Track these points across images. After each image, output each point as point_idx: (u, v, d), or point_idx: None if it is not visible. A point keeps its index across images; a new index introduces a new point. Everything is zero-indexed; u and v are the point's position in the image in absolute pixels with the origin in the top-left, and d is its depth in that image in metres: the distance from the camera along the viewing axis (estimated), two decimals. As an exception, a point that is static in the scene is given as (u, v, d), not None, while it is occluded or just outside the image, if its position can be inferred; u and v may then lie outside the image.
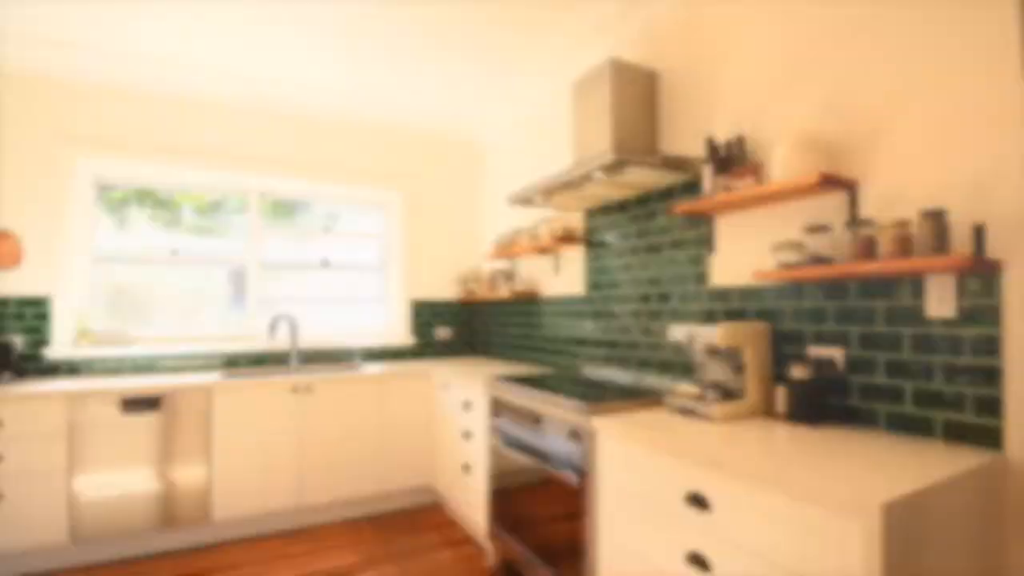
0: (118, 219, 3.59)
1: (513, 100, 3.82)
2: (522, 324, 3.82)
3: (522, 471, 2.42)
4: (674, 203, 2.51)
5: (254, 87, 3.62)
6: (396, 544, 3.05)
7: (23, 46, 3.06)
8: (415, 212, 4.34)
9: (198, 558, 2.90)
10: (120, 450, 2.85)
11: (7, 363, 2.98)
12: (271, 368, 3.74)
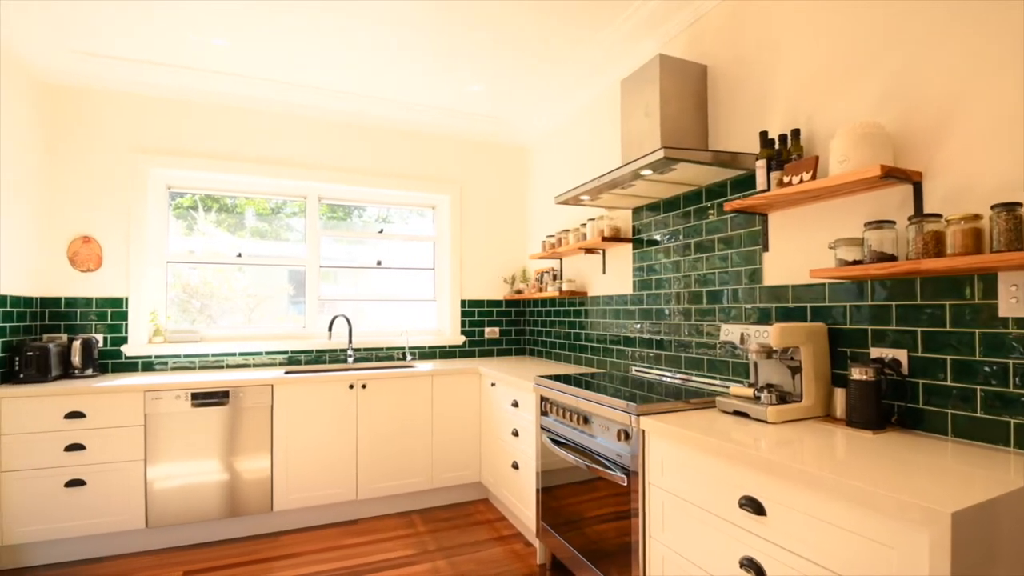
0: (187, 224, 3.77)
1: (560, 101, 3.80)
2: (569, 323, 3.80)
3: (570, 470, 2.41)
4: (725, 200, 2.44)
5: (312, 97, 3.73)
6: (447, 538, 3.09)
7: (102, 65, 3.25)
8: (464, 214, 4.38)
9: (260, 546, 3.02)
10: (190, 442, 3.00)
11: (90, 359, 3.18)
12: (329, 365, 3.85)
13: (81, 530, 2.79)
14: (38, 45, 3.01)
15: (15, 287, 2.98)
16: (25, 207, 3.09)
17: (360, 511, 3.40)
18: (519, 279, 4.47)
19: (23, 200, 3.07)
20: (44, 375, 2.92)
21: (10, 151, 2.92)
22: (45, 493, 2.74)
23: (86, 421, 2.81)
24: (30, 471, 2.72)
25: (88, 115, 3.39)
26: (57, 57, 3.13)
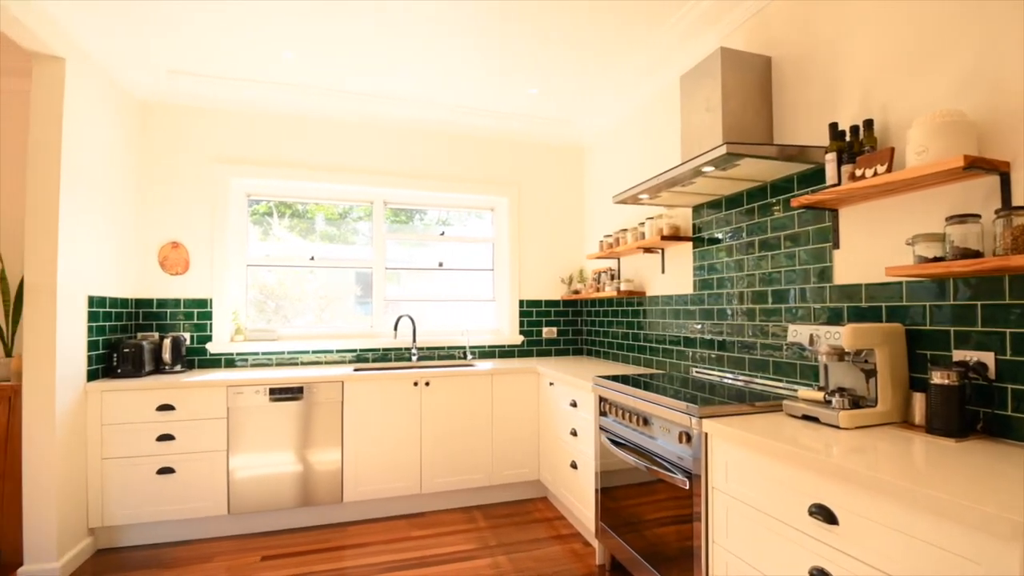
0: (263, 229, 3.96)
1: (617, 100, 3.74)
2: (627, 324, 3.73)
3: (629, 471, 2.36)
4: (792, 196, 2.32)
5: (377, 105, 3.83)
6: (507, 535, 3.10)
7: (187, 82, 3.46)
8: (522, 215, 4.39)
9: (331, 535, 3.13)
10: (267, 434, 3.15)
11: (179, 356, 3.39)
12: (394, 363, 3.95)
13: (170, 514, 2.98)
14: (130, 66, 3.24)
15: (113, 289, 3.22)
16: (121, 216, 3.33)
17: (424, 505, 3.47)
18: (576, 279, 4.44)
19: (120, 210, 3.31)
20: (138, 370, 3.14)
21: (109, 165, 3.15)
22: (139, 479, 2.94)
23: (175, 413, 3.00)
24: (127, 459, 2.93)
25: (175, 129, 3.62)
26: (147, 76, 3.36)
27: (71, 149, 2.75)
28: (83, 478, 2.86)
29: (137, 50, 3.08)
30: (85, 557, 2.84)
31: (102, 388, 2.91)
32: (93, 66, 2.95)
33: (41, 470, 2.60)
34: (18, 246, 3.26)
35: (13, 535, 2.77)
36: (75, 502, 2.79)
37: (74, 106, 2.77)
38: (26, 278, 2.62)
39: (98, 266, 3.03)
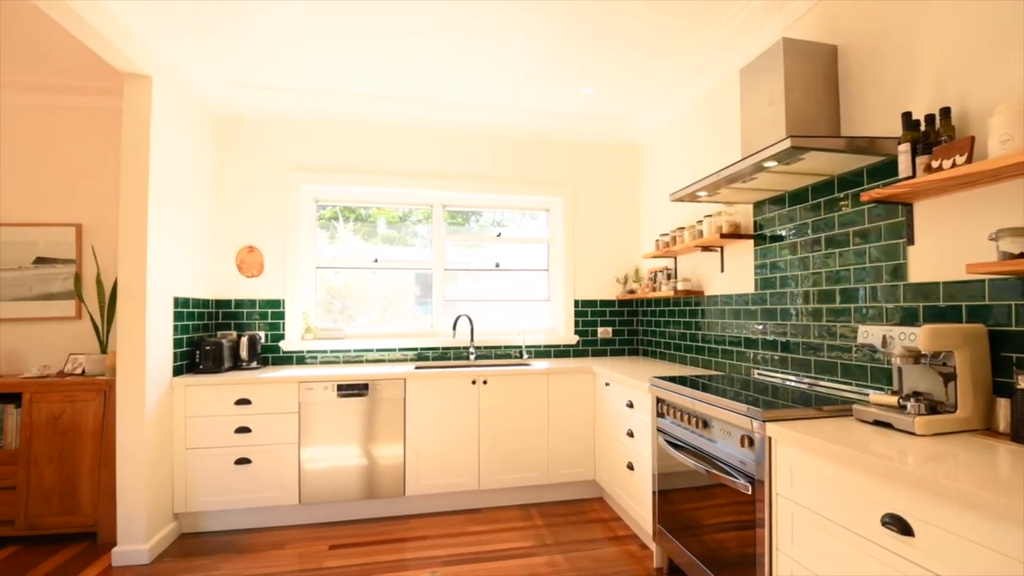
0: (329, 233, 4.10)
1: (673, 96, 3.64)
2: (684, 324, 3.62)
3: (688, 474, 2.29)
4: (862, 190, 2.18)
5: (436, 111, 3.89)
6: (563, 533, 3.08)
7: (260, 95, 3.63)
8: (576, 215, 4.34)
9: (394, 527, 3.20)
10: (335, 428, 3.25)
11: (254, 353, 3.56)
12: (453, 362, 4.00)
13: (246, 503, 3.13)
14: (208, 81, 3.42)
15: (196, 291, 3.42)
16: (202, 222, 3.53)
17: (481, 501, 3.49)
18: (632, 279, 4.35)
19: (201, 217, 3.50)
20: (218, 366, 3.31)
21: (192, 176, 3.35)
22: (219, 469, 3.11)
23: (252, 407, 3.15)
24: (208, 449, 3.10)
25: (249, 139, 3.81)
26: (222, 90, 3.54)
27: (157, 161, 2.93)
28: (169, 466, 3.05)
29: (213, 66, 3.25)
30: (170, 540, 3.03)
31: (186, 383, 3.09)
32: (175, 83, 3.14)
33: (133, 459, 2.79)
34: (112, 252, 3.51)
35: (108, 518, 2.98)
36: (162, 489, 2.97)
37: (159, 121, 2.95)
38: (119, 281, 2.82)
39: (182, 269, 3.22)
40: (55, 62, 3.21)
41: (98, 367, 3.20)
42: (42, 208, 3.48)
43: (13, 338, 3.43)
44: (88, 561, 2.79)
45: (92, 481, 3.00)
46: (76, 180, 3.52)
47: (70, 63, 3.22)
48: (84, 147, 3.53)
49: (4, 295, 3.41)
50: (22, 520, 2.95)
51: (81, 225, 3.49)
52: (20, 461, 2.97)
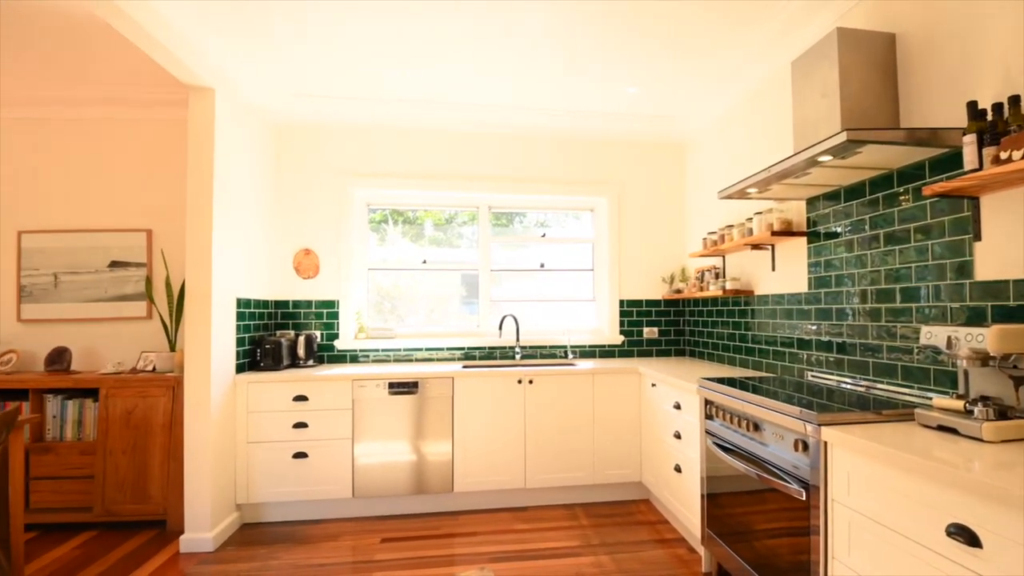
0: (379, 236, 4.20)
1: (719, 93, 3.54)
2: (733, 324, 3.51)
3: (738, 477, 2.22)
4: (923, 183, 2.07)
5: (481, 114, 3.93)
6: (609, 534, 3.04)
7: (314, 104, 3.76)
8: (622, 215, 4.29)
9: (443, 522, 3.24)
10: (387, 425, 3.32)
11: (311, 352, 3.68)
12: (499, 361, 4.02)
13: (303, 495, 3.24)
14: (266, 93, 3.57)
15: (257, 292, 3.56)
16: (262, 226, 3.67)
17: (527, 499, 3.49)
18: (678, 278, 4.26)
19: (260, 221, 3.65)
20: (277, 364, 3.44)
21: (252, 182, 3.49)
22: (278, 462, 3.23)
23: (309, 403, 3.25)
24: (268, 443, 3.22)
25: (304, 146, 3.95)
26: (280, 101, 3.69)
27: (221, 169, 3.07)
28: (232, 459, 3.18)
29: (271, 78, 3.38)
30: (233, 530, 3.16)
31: (248, 380, 3.22)
32: (236, 94, 3.28)
33: (199, 451, 2.93)
34: (180, 256, 3.70)
35: (176, 507, 3.14)
36: (225, 480, 3.11)
37: (222, 131, 3.09)
38: (187, 283, 2.97)
39: (244, 271, 3.37)
40: (126, 78, 3.42)
41: (167, 364, 3.37)
42: (116, 215, 3.71)
43: (90, 337, 3.66)
44: (158, 547, 2.95)
45: (162, 472, 3.17)
46: (147, 188, 3.73)
47: (139, 78, 3.42)
48: (153, 157, 3.74)
49: (82, 296, 3.64)
50: (100, 507, 3.15)
51: (152, 230, 3.70)
52: (98, 452, 3.17)
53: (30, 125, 3.71)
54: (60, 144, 3.72)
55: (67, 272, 3.65)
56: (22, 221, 3.67)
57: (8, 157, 3.70)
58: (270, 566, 2.71)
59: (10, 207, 3.68)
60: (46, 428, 3.26)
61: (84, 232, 3.66)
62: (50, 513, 3.15)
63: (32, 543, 3.00)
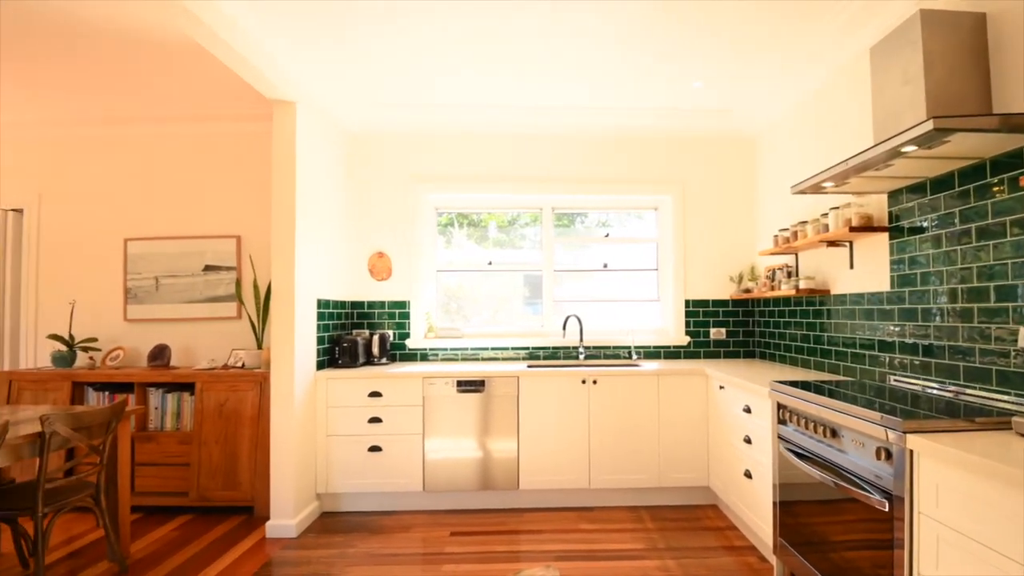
0: (446, 238, 4.29)
1: (789, 85, 3.37)
2: (807, 325, 3.33)
3: (814, 486, 2.10)
4: (1020, 173, 1.88)
5: (544, 117, 3.94)
6: (675, 539, 2.97)
7: (385, 112, 3.90)
8: (687, 213, 4.16)
9: (508, 519, 3.27)
10: (455, 422, 3.39)
11: (384, 350, 3.81)
12: (563, 361, 4.01)
13: (376, 487, 3.36)
14: (342, 104, 3.73)
15: (335, 293, 3.73)
16: (339, 231, 3.84)
17: (592, 499, 3.46)
18: (747, 277, 4.08)
19: (338, 225, 3.82)
20: (354, 361, 3.59)
21: (330, 189, 3.66)
22: (354, 455, 3.36)
23: (382, 400, 3.38)
24: (345, 436, 3.36)
25: (377, 153, 4.10)
26: (355, 110, 3.85)
27: (302, 178, 3.24)
28: (313, 451, 3.35)
29: (347, 90, 3.54)
30: (313, 518, 3.32)
31: (327, 376, 3.38)
32: (315, 107, 3.45)
33: (283, 443, 3.10)
34: (266, 260, 3.93)
35: (263, 495, 3.34)
36: (307, 471, 3.27)
37: (303, 141, 3.26)
38: (272, 285, 3.16)
39: (323, 274, 3.53)
40: (215, 97, 3.67)
41: (255, 361, 3.60)
42: (209, 222, 4.00)
43: (187, 335, 3.96)
44: (246, 532, 3.14)
45: (250, 461, 3.38)
46: (235, 197, 4.00)
47: (227, 96, 3.66)
48: (241, 168, 4.01)
49: (180, 298, 3.95)
50: (195, 492, 3.39)
51: (240, 236, 3.96)
52: (193, 441, 3.42)
53: (133, 142, 4.07)
54: (159, 159, 4.06)
55: (167, 276, 3.97)
56: (128, 230, 4.03)
57: (116, 172, 4.07)
58: (347, 554, 2.83)
59: (118, 217, 4.05)
60: (149, 419, 3.56)
61: (181, 239, 3.97)
62: (152, 496, 3.43)
63: (136, 524, 3.28)
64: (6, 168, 4.14)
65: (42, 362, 4.03)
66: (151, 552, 2.89)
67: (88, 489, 2.56)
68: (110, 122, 4.00)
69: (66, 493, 2.47)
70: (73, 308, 4.02)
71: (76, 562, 2.77)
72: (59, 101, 3.70)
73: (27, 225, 4.11)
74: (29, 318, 4.08)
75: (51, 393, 3.55)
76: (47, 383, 3.56)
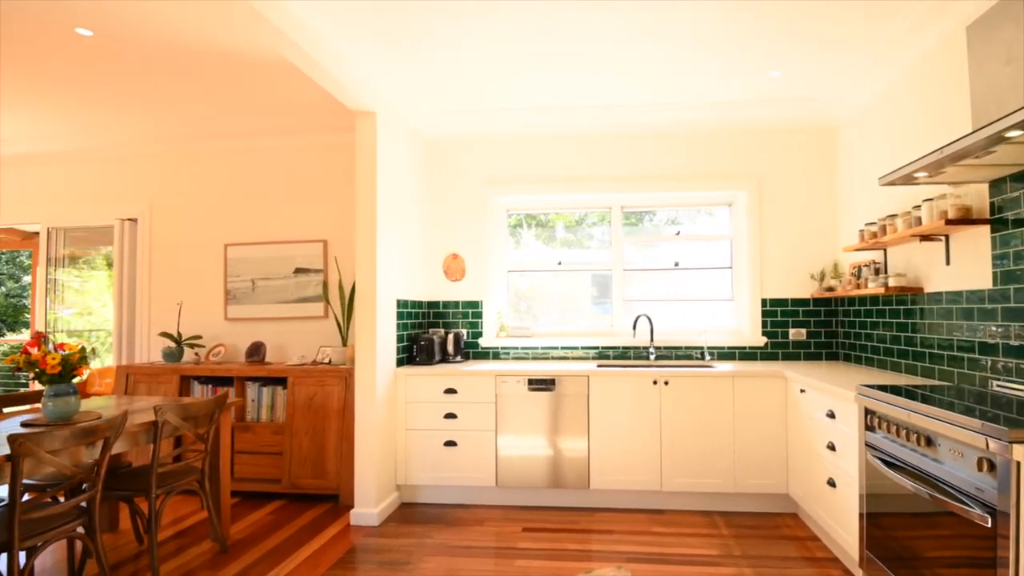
0: (515, 240, 4.35)
1: (877, 68, 3.15)
2: (897, 325, 3.11)
3: (905, 497, 1.98)
4: None
5: (613, 115, 3.93)
6: (752, 547, 2.86)
7: (459, 118, 4.02)
8: (763, 208, 3.98)
9: (579, 517, 3.28)
10: (525, 419, 3.45)
11: (459, 348, 3.93)
12: (633, 361, 3.96)
13: (452, 481, 3.47)
14: (419, 112, 3.89)
15: (412, 294, 3.88)
16: (415, 233, 4.00)
17: (663, 502, 3.40)
18: (830, 274, 3.84)
19: (415, 228, 3.98)
20: (430, 359, 3.72)
21: (407, 194, 3.82)
22: (431, 449, 3.49)
23: (457, 396, 3.48)
24: (423, 431, 3.50)
25: (451, 158, 4.23)
26: (430, 118, 4.00)
27: (382, 185, 3.40)
28: (393, 444, 3.50)
29: (422, 97, 3.68)
30: (393, 508, 3.47)
31: (406, 373, 3.53)
32: (394, 116, 3.61)
33: (366, 435, 3.26)
34: (351, 262, 4.15)
35: (347, 484, 3.52)
36: (388, 462, 3.43)
37: (383, 149, 3.42)
38: (356, 286, 3.34)
39: (401, 275, 3.69)
40: (301, 110, 3.92)
41: (341, 357, 3.81)
42: (299, 228, 4.28)
43: (279, 333, 4.25)
44: (333, 518, 3.33)
45: (336, 452, 3.58)
46: (321, 204, 4.26)
47: (312, 109, 3.90)
48: (326, 177, 4.28)
49: (273, 299, 4.25)
50: (287, 480, 3.63)
51: (327, 240, 4.21)
52: (286, 432, 3.66)
53: (231, 155, 4.43)
54: (254, 170, 4.39)
55: (262, 278, 4.28)
56: (228, 236, 4.38)
57: (217, 183, 4.44)
58: (425, 544, 2.95)
59: (218, 224, 4.41)
60: (246, 410, 3.84)
61: (274, 244, 4.27)
62: (248, 482, 3.71)
63: (235, 507, 3.56)
64: (123, 182, 4.61)
65: (154, 357, 4.45)
66: (249, 534, 3.12)
67: (194, 474, 2.80)
68: (211, 137, 4.37)
69: (175, 477, 2.71)
70: (180, 308, 4.42)
71: (183, 540, 3.04)
72: (166, 119, 4.08)
73: (140, 233, 4.56)
74: (143, 317, 4.52)
75: (162, 385, 3.92)
76: (158, 376, 3.93)
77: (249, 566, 2.71)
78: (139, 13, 2.62)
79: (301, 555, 2.83)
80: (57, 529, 2.11)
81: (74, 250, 4.97)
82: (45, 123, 4.15)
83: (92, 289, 5.43)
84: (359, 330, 3.30)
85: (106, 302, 4.95)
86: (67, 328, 5.12)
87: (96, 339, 5.74)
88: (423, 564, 2.71)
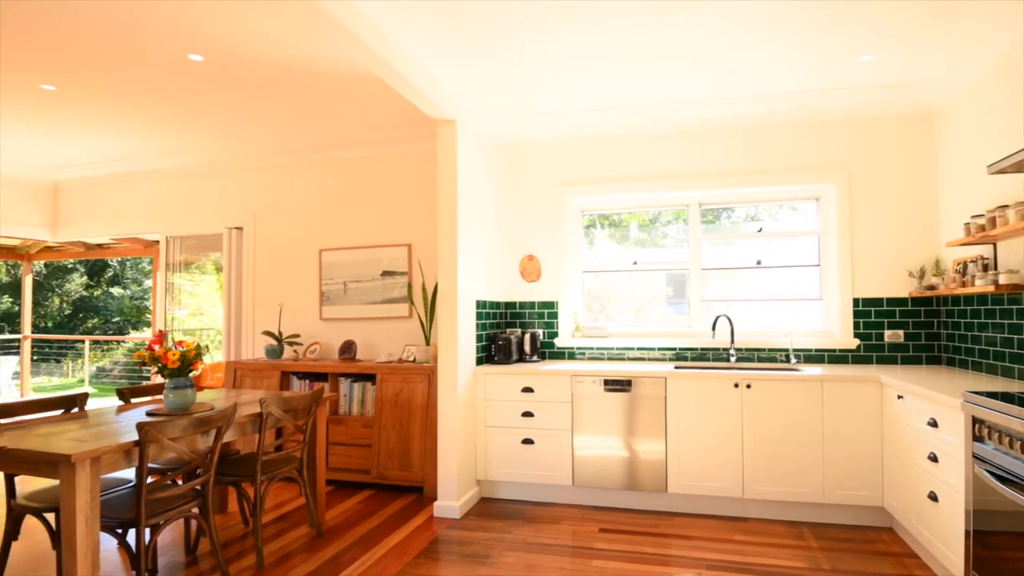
0: (589, 240, 4.36)
1: (981, 48, 2.87)
2: (1010, 327, 2.83)
3: (1019, 515, 1.82)
4: None
5: (687, 111, 3.83)
6: (843, 561, 2.72)
7: (531, 122, 4.08)
8: (853, 202, 3.73)
9: (657, 521, 3.26)
10: (601, 420, 3.46)
11: (535, 348, 4.00)
12: (712, 363, 3.86)
13: (529, 478, 3.54)
14: (495, 118, 3.99)
15: (491, 295, 4.00)
16: (493, 236, 4.11)
17: (745, 510, 3.30)
18: (930, 272, 3.54)
19: (492, 231, 4.10)
20: (508, 358, 3.81)
21: (484, 198, 3.94)
22: (509, 446, 3.58)
23: (534, 395, 3.55)
24: (501, 428, 3.60)
25: (526, 162, 4.30)
26: (506, 123, 4.08)
27: (463, 190, 3.53)
28: (473, 440, 3.62)
29: (498, 104, 3.77)
30: (473, 502, 3.60)
31: (485, 371, 3.64)
32: (472, 123, 3.73)
33: (449, 431, 3.40)
34: (433, 265, 4.33)
35: (431, 477, 3.69)
36: (468, 457, 3.56)
37: (463, 156, 3.55)
38: (439, 288, 3.48)
39: (480, 276, 3.81)
40: (386, 121, 4.14)
41: (424, 356, 3.99)
42: (385, 233, 4.53)
43: (368, 332, 4.50)
44: (418, 509, 3.50)
45: (420, 447, 3.76)
46: (406, 210, 4.48)
47: (396, 121, 4.11)
48: (409, 183, 4.50)
49: (362, 300, 4.51)
50: (375, 471, 3.85)
51: (411, 244, 4.42)
52: (374, 426, 3.88)
53: (324, 165, 4.75)
54: (345, 178, 4.69)
55: (352, 281, 4.55)
56: (322, 241, 4.70)
57: (312, 191, 4.77)
58: (504, 539, 3.04)
59: (315, 231, 4.74)
60: (339, 404, 4.10)
61: (363, 248, 4.54)
62: (340, 472, 3.97)
63: (329, 495, 3.81)
64: (230, 193, 5.04)
65: (258, 354, 4.84)
66: (341, 520, 3.34)
67: (294, 463, 3.03)
68: (307, 150, 4.70)
69: (277, 465, 2.94)
70: (281, 309, 4.78)
71: (283, 524, 3.30)
72: (267, 135, 4.44)
73: (246, 240, 4.97)
74: (248, 317, 4.93)
75: (265, 380, 4.26)
76: (262, 371, 4.27)
77: (343, 551, 2.91)
78: (242, 38, 2.88)
79: (389, 543, 3.00)
80: (176, 509, 2.35)
81: (188, 256, 5.51)
82: (164, 141, 4.63)
83: (203, 292, 5.99)
84: (441, 329, 3.44)
85: (216, 303, 5.46)
86: (183, 327, 5.69)
87: (207, 337, 6.34)
88: (503, 558, 2.79)
